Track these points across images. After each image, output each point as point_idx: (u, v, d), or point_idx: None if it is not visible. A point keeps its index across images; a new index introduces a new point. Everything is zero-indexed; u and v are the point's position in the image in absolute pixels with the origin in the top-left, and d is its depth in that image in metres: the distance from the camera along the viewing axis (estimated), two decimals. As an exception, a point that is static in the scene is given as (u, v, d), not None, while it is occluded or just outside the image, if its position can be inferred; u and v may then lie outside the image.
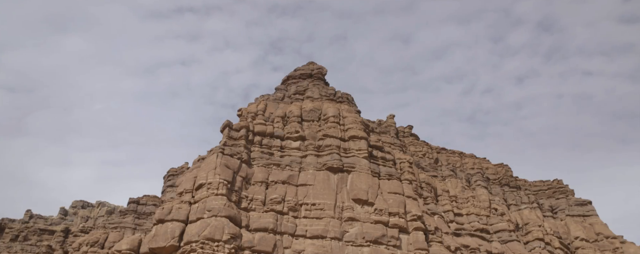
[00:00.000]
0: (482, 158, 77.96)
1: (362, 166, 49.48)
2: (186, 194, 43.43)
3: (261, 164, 48.38)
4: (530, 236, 59.32)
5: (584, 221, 68.33)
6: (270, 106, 57.30)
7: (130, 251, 40.94)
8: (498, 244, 53.82)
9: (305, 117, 55.18)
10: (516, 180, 74.79)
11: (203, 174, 43.74)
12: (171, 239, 38.77)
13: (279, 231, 41.95)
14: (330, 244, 41.64)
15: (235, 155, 46.90)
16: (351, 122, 54.00)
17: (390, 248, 42.70)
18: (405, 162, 54.63)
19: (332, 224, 43.01)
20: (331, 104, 57.43)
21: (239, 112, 56.70)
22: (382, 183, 49.09)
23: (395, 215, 45.26)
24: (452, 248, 47.43)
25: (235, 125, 51.27)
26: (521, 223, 62.77)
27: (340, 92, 62.34)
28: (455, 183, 63.03)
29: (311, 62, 68.59)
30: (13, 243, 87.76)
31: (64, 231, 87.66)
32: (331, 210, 44.51)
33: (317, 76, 65.34)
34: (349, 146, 51.63)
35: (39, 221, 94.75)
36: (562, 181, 76.56)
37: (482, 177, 68.49)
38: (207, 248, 37.18)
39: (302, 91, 61.75)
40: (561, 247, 59.10)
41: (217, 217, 39.50)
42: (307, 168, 48.71)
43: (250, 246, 39.36)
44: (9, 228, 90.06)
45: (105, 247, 53.64)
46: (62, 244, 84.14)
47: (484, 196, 62.43)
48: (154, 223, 41.31)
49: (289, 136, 51.99)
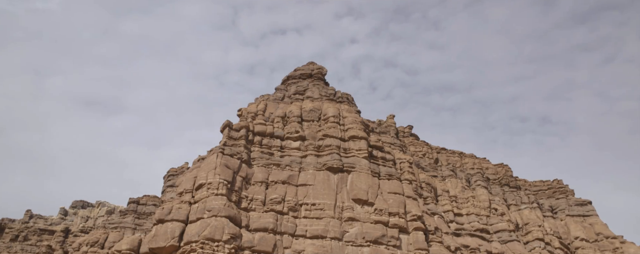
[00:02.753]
0: (482, 158, 77.99)
1: (362, 166, 49.47)
2: (186, 194, 43.43)
3: (261, 164, 48.38)
4: (530, 236, 59.33)
5: (584, 221, 68.32)
6: (270, 106, 57.32)
7: (130, 251, 40.96)
8: (498, 245, 53.81)
9: (305, 117, 55.21)
10: (516, 180, 74.81)
11: (203, 174, 43.75)
12: (171, 239, 38.77)
13: (279, 231, 41.93)
14: (330, 244, 41.62)
15: (235, 155, 46.90)
16: (351, 122, 54.01)
17: (390, 248, 42.68)
18: (405, 162, 54.63)
19: (332, 224, 42.99)
20: (331, 104, 57.45)
21: (238, 112, 56.71)
22: (382, 183, 49.09)
23: (395, 215, 45.25)
24: (452, 248, 47.43)
25: (235, 125, 51.28)
26: (521, 223, 62.76)
27: (340, 92, 62.42)
28: (455, 183, 63.05)
29: (311, 62, 68.65)
30: (13, 243, 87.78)
31: (64, 231, 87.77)
32: (331, 210, 44.50)
33: (317, 76, 65.40)
34: (349, 146, 51.63)
35: (39, 221, 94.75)
36: (562, 181, 76.60)
37: (482, 177, 68.51)
38: (207, 248, 37.17)
39: (302, 91, 61.78)
40: (561, 247, 59.10)
41: (217, 217, 39.50)
42: (307, 168, 48.71)
43: (250, 246, 39.35)
44: (9, 228, 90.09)
45: (105, 247, 53.61)
46: (62, 244, 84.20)
47: (484, 196, 62.45)
48: (154, 223, 41.31)
49: (289, 136, 51.99)
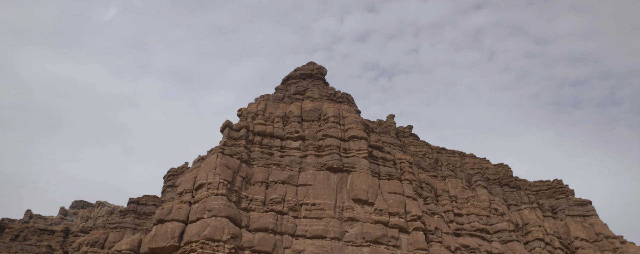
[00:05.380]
0: (482, 158, 78.00)
1: (362, 166, 49.44)
2: (186, 194, 43.40)
3: (261, 164, 48.36)
4: (530, 236, 59.31)
5: (584, 221, 68.29)
6: (270, 106, 57.30)
7: (130, 251, 40.92)
8: (498, 245, 53.77)
9: (305, 117, 55.19)
10: (516, 180, 74.80)
11: (203, 174, 43.72)
12: (171, 239, 38.73)
13: (279, 231, 41.90)
14: (330, 244, 41.58)
15: (235, 155, 46.88)
16: (351, 122, 53.99)
17: (390, 248, 42.64)
18: (405, 162, 54.62)
19: (332, 224, 42.96)
20: (331, 104, 57.43)
21: (238, 112, 56.69)
22: (382, 183, 49.05)
23: (395, 215, 45.22)
24: (452, 248, 47.41)
25: (235, 125, 51.27)
26: (521, 223, 62.75)
27: (340, 92, 62.42)
28: (455, 183, 63.06)
29: (311, 62, 68.67)
30: (13, 242, 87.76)
31: (63, 231, 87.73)
32: (331, 210, 44.47)
33: (317, 76, 65.40)
34: (349, 146, 51.61)
35: (39, 221, 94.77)
36: (562, 181, 76.56)
37: (482, 177, 68.50)
38: (207, 248, 37.14)
39: (302, 91, 61.76)
40: (561, 247, 59.09)
41: (217, 217, 39.47)
42: (307, 168, 48.68)
43: (250, 246, 39.32)
44: (9, 228, 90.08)
45: (105, 247, 53.63)
46: (62, 244, 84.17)
47: (484, 196, 62.46)
48: (154, 223, 41.26)
49: (289, 136, 51.97)
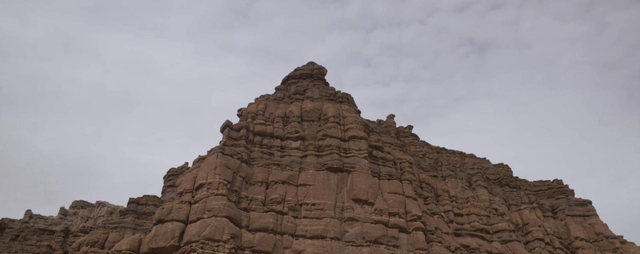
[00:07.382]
0: (482, 158, 77.99)
1: (362, 166, 49.43)
2: (186, 194, 43.40)
3: (261, 164, 48.35)
4: (530, 236, 59.31)
5: (584, 221, 68.28)
6: (270, 106, 57.29)
7: (130, 251, 40.89)
8: (498, 245, 53.78)
9: (305, 117, 55.18)
10: (516, 180, 74.78)
11: (203, 174, 43.72)
12: (171, 239, 38.74)
13: (279, 231, 41.89)
14: (330, 244, 41.58)
15: (235, 155, 46.88)
16: (351, 122, 53.98)
17: (390, 248, 42.63)
18: (405, 162, 54.62)
19: (332, 224, 42.95)
20: (331, 104, 57.42)
21: (238, 112, 56.69)
22: (382, 183, 49.05)
23: (395, 215, 45.21)
24: (452, 248, 47.41)
25: (235, 125, 51.26)
26: (521, 223, 62.75)
27: (340, 92, 62.40)
28: (455, 183, 63.05)
29: (311, 62, 68.65)
30: (13, 242, 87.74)
31: (63, 231, 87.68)
32: (331, 210, 44.46)
33: (317, 75, 65.37)
34: (349, 146, 51.60)
35: (39, 221, 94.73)
36: (562, 181, 76.57)
37: (482, 177, 68.49)
38: (207, 248, 37.13)
39: (302, 91, 61.74)
40: (561, 247, 59.09)
41: (217, 217, 39.46)
42: (307, 168, 48.67)
43: (250, 246, 39.31)
44: (9, 228, 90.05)
45: (105, 247, 53.56)
46: (62, 244, 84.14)
47: (484, 196, 62.46)
48: (154, 223, 41.26)
49: (289, 136, 51.97)
